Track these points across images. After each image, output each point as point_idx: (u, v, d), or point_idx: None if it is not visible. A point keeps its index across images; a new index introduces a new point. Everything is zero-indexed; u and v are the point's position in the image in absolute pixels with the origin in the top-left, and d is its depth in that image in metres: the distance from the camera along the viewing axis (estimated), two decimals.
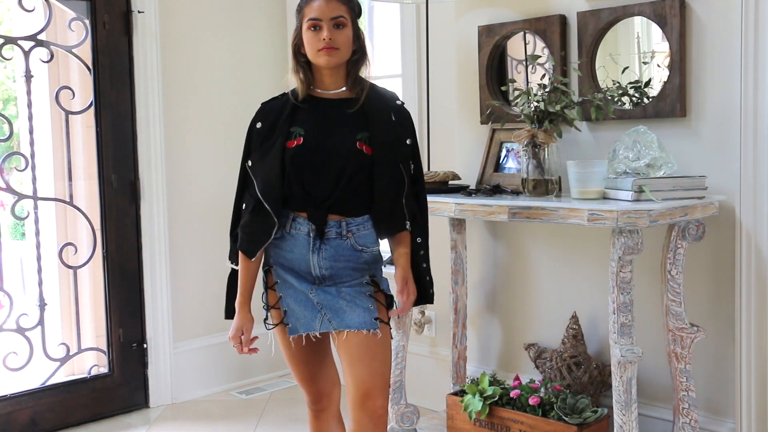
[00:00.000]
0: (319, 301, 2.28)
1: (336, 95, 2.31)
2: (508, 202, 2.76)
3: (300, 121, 2.27)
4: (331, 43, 2.21)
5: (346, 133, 2.25)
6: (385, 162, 2.26)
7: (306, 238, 2.27)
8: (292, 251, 2.29)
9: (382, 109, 2.29)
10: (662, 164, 2.69)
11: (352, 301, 2.28)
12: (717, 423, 2.86)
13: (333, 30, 2.21)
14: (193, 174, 4.05)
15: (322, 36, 2.21)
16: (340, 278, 2.28)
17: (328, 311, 2.27)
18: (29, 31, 3.61)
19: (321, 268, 2.27)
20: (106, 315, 3.80)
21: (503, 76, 3.35)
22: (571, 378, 3.01)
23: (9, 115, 3.70)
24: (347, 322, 2.26)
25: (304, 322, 2.29)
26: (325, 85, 2.31)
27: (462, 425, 3.11)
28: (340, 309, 2.27)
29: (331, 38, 2.20)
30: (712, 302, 2.86)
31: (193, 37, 4.02)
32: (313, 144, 2.24)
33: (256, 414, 3.82)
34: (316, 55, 2.24)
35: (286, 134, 2.26)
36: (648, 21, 2.90)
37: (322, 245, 2.26)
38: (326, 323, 2.28)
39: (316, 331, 2.28)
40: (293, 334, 2.30)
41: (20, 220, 4.01)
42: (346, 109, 2.27)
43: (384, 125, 2.27)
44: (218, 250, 4.13)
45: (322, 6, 2.21)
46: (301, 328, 2.29)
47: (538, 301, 3.31)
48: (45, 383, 3.65)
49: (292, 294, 2.30)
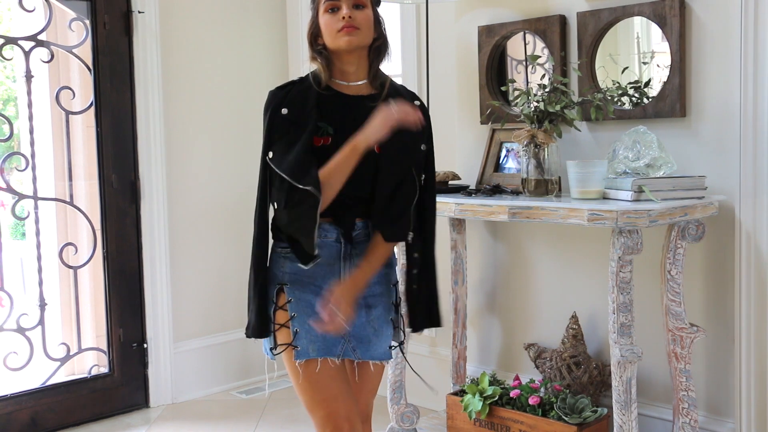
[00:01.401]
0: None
1: (357, 89, 2.14)
2: (508, 202, 2.76)
3: (327, 116, 2.09)
4: (352, 21, 2.05)
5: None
6: (393, 162, 2.10)
7: (335, 244, 2.11)
8: (317, 262, 2.10)
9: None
10: (662, 164, 2.69)
11: (379, 329, 2.17)
12: (717, 423, 2.86)
13: (353, 9, 2.06)
14: (193, 174, 4.05)
15: (342, 14, 2.05)
16: (367, 286, 2.14)
17: (353, 339, 2.12)
18: (29, 31, 3.61)
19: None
20: (106, 315, 3.80)
21: (503, 76, 3.35)
22: (571, 378, 3.01)
23: (9, 115, 3.71)
24: (372, 353, 2.15)
25: (320, 345, 2.07)
26: (346, 76, 2.13)
27: (462, 425, 3.11)
28: (366, 338, 2.14)
29: (351, 16, 2.04)
30: (712, 302, 2.86)
31: (193, 37, 4.03)
32: (342, 146, 2.05)
33: (256, 414, 3.82)
34: (335, 38, 2.07)
35: (314, 128, 2.06)
36: (648, 21, 2.90)
37: (352, 250, 2.13)
38: (349, 351, 2.12)
39: (336, 357, 2.09)
40: (301, 358, 2.06)
41: (20, 220, 4.01)
42: (369, 104, 2.10)
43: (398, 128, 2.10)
44: (218, 250, 4.15)
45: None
46: (313, 352, 2.06)
47: (538, 301, 3.32)
48: (45, 383, 3.65)
49: (309, 314, 2.08)
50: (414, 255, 2.20)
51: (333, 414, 2.06)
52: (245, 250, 4.07)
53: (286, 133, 2.07)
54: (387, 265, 2.21)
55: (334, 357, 2.09)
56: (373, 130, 2.02)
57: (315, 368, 2.07)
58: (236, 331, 4.20)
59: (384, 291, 2.21)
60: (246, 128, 4.16)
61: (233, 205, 4.15)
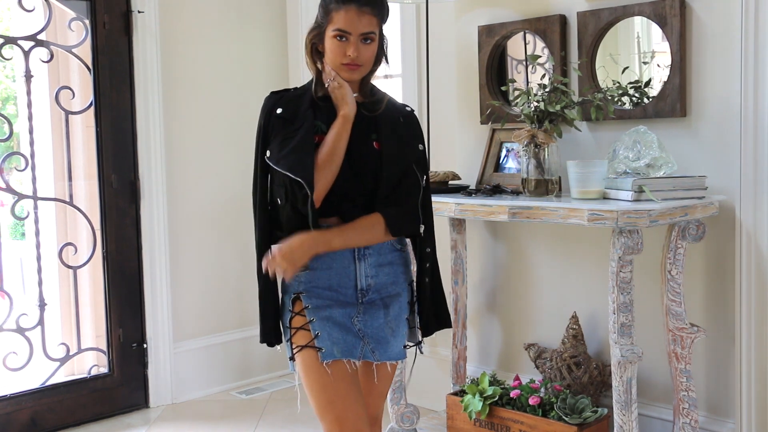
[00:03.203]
0: (361, 329, 2.12)
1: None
2: (508, 202, 2.76)
3: (322, 117, 2.12)
4: (356, 60, 2.07)
5: (361, 134, 2.14)
6: (394, 155, 2.14)
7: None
8: (330, 267, 2.11)
9: (392, 113, 2.21)
10: (662, 164, 2.69)
11: (396, 329, 2.18)
12: (717, 423, 2.86)
13: (360, 45, 2.07)
14: (193, 174, 4.05)
15: (348, 51, 2.06)
16: (384, 286, 2.17)
17: (371, 341, 2.13)
18: (29, 31, 3.61)
19: (367, 277, 2.14)
20: (106, 315, 3.80)
21: (503, 76, 3.35)
22: (571, 378, 3.01)
23: (9, 115, 3.70)
24: (389, 354, 2.16)
25: (343, 347, 2.08)
26: None
27: (462, 425, 3.11)
28: (385, 339, 2.15)
29: (357, 56, 2.07)
30: (712, 302, 2.85)
31: (193, 37, 4.03)
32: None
33: (256, 414, 3.82)
34: (337, 66, 2.09)
35: (311, 125, 2.09)
36: (648, 21, 2.90)
37: (365, 250, 2.13)
38: (368, 353, 2.13)
39: (357, 360, 2.10)
40: (328, 359, 2.06)
41: (20, 220, 4.00)
42: (362, 111, 2.14)
43: (392, 125, 2.18)
44: (218, 250, 4.15)
45: (354, 19, 2.05)
46: (338, 353, 2.07)
47: (538, 301, 3.31)
48: (45, 383, 3.65)
49: (327, 317, 2.09)
50: (427, 250, 2.23)
51: (341, 419, 2.05)
52: (245, 250, 4.13)
53: (281, 131, 2.10)
54: (403, 264, 2.23)
55: (355, 359, 2.11)
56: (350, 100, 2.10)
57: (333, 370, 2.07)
58: (236, 331, 4.20)
59: (401, 291, 2.22)
60: (246, 128, 4.13)
61: (233, 205, 4.15)
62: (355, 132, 2.12)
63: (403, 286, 2.22)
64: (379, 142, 2.14)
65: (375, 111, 2.16)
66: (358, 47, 2.07)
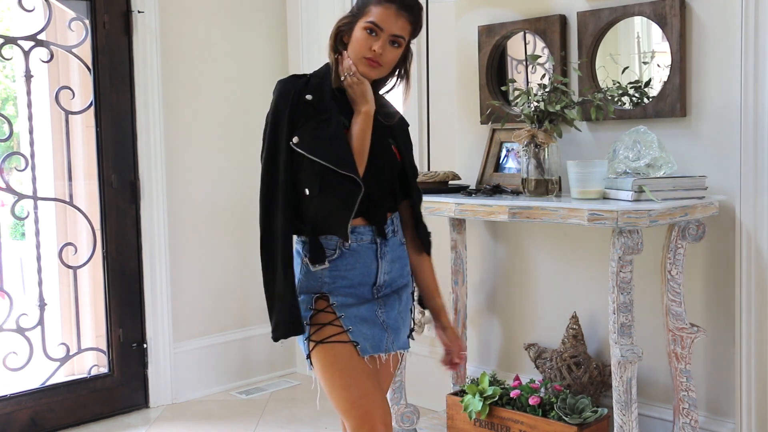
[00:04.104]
0: (385, 320, 2.12)
1: None
2: (508, 202, 2.76)
3: (343, 110, 2.09)
4: (379, 58, 2.05)
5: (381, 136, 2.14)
6: (412, 163, 2.20)
7: (370, 246, 2.11)
8: (354, 267, 2.09)
9: (402, 121, 2.23)
10: (662, 164, 2.69)
11: (405, 318, 2.19)
12: (717, 423, 2.86)
13: (387, 46, 2.05)
14: (193, 174, 4.05)
15: (374, 46, 2.04)
16: (394, 279, 2.17)
17: (392, 332, 2.14)
18: (29, 31, 3.61)
19: (385, 273, 2.14)
20: (106, 315, 3.80)
21: (503, 76, 3.35)
22: (571, 378, 3.01)
23: (9, 115, 3.70)
24: (400, 343, 2.17)
25: (372, 342, 2.08)
26: None
27: (462, 425, 3.11)
28: (398, 328, 2.16)
29: (381, 54, 2.05)
30: (712, 302, 2.86)
31: (192, 36, 4.02)
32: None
33: (256, 414, 3.82)
34: (358, 57, 2.06)
35: (338, 117, 2.06)
36: (648, 21, 2.90)
37: (384, 248, 2.13)
38: (390, 344, 2.13)
39: (386, 353, 2.11)
40: (366, 354, 2.06)
41: (20, 220, 4.00)
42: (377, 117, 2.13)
43: (403, 133, 2.22)
44: (218, 250, 4.15)
45: (390, 18, 2.04)
46: (370, 349, 2.07)
47: (538, 301, 3.31)
48: (45, 383, 3.65)
49: (355, 314, 2.08)
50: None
51: (369, 414, 2.03)
52: (245, 250, 4.13)
53: (312, 119, 2.04)
54: (407, 256, 2.23)
55: (383, 353, 2.10)
56: (370, 97, 2.08)
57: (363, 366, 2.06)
58: (236, 331, 4.20)
59: (408, 282, 2.23)
60: (246, 128, 4.15)
61: (233, 205, 4.15)
62: (375, 133, 2.11)
63: (408, 277, 2.24)
64: (398, 148, 2.17)
65: (390, 121, 2.17)
66: (385, 46, 2.06)
